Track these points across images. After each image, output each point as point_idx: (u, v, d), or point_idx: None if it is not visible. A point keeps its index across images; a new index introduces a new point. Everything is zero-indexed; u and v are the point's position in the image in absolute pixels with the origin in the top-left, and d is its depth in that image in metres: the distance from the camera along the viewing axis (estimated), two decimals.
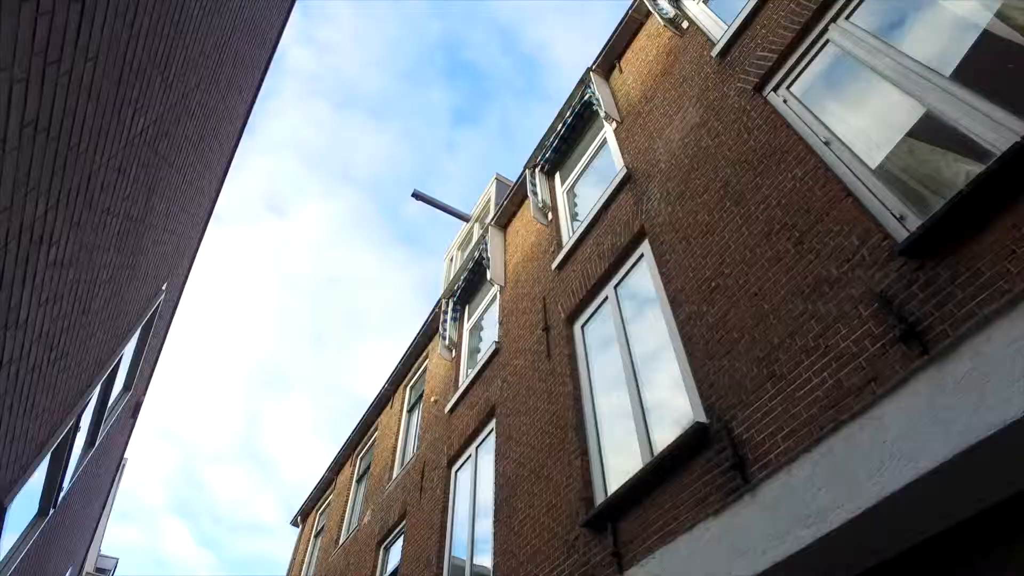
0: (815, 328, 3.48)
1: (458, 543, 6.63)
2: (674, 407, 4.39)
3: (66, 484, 5.54)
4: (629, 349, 5.15)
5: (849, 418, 3.00)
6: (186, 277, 8.16)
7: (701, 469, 3.74)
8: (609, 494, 4.42)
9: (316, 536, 13.76)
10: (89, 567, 16.45)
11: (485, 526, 6.11)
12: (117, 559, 18.48)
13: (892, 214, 3.40)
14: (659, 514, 3.88)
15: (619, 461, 4.67)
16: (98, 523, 11.21)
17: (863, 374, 3.10)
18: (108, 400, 6.10)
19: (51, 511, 5.55)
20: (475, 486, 6.81)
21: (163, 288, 6.19)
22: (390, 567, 8.43)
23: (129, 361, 6.28)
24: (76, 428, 4.89)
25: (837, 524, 2.85)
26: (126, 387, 6.91)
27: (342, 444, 13.38)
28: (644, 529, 3.94)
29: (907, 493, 2.67)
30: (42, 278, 2.61)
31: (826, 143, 4.03)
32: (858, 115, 4.07)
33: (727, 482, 3.53)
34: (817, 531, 2.91)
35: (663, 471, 3.97)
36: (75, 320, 3.56)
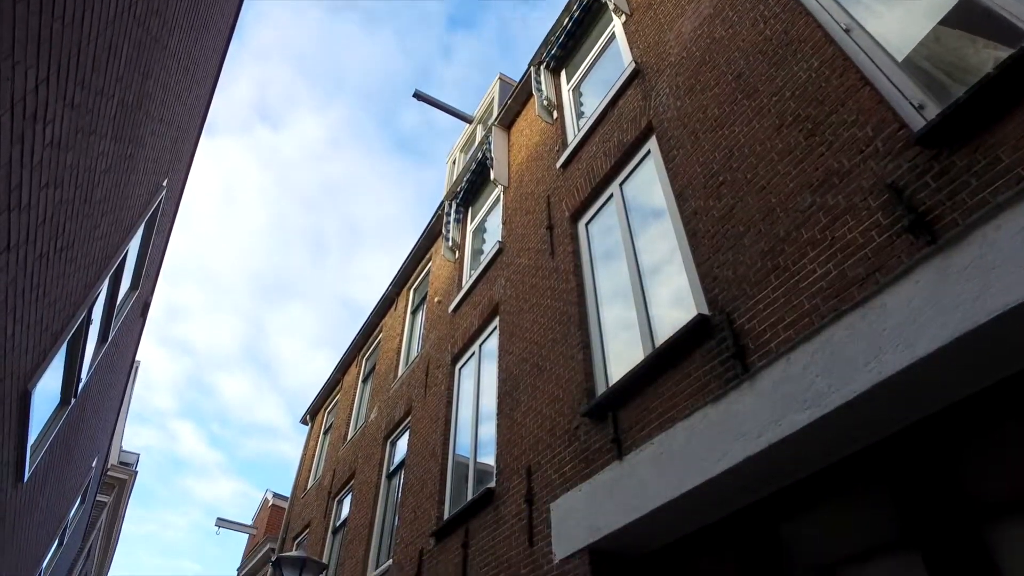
0: (822, 220, 3.46)
1: (461, 445, 6.89)
2: (677, 301, 4.44)
3: (84, 376, 5.71)
4: (633, 246, 5.16)
5: (850, 308, 3.03)
6: (186, 175, 8.06)
7: (702, 359, 3.83)
8: (610, 385, 4.55)
9: (325, 433, 14.33)
10: (113, 459, 17.29)
11: (488, 421, 6.34)
12: (138, 454, 19.30)
13: (911, 103, 3.30)
14: (659, 403, 4.01)
15: (621, 354, 4.78)
16: (117, 418, 11.66)
17: (868, 264, 3.11)
18: (117, 297, 6.18)
19: (72, 401, 5.75)
20: (478, 381, 7.01)
21: (163, 184, 6.12)
22: (397, 459, 8.83)
23: (135, 258, 6.31)
24: (88, 321, 4.97)
25: (832, 407, 2.94)
26: (133, 285, 6.99)
27: (347, 346, 13.69)
28: (643, 417, 4.08)
29: (902, 377, 2.74)
30: (40, 158, 2.57)
31: (846, 30, 3.85)
32: (886, 2, 3.87)
33: (726, 371, 3.62)
34: (812, 414, 3.01)
35: (664, 362, 4.06)
36: (78, 209, 3.54)
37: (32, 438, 4.99)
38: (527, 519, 4.81)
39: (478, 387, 6.97)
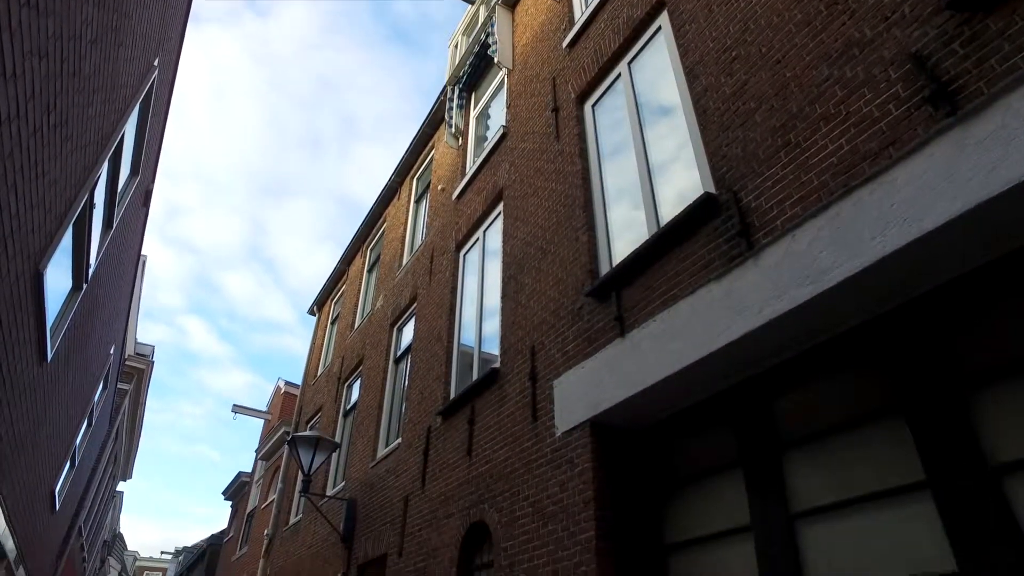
0: (838, 94, 3.33)
1: (466, 335, 7.03)
2: (683, 180, 4.38)
3: (92, 261, 5.76)
4: (640, 126, 5.02)
5: (860, 183, 2.99)
6: (177, 58, 7.75)
7: (706, 237, 3.82)
8: (614, 265, 4.58)
9: (333, 323, 14.65)
10: (130, 350, 17.84)
11: (493, 307, 6.44)
12: (153, 346, 19.82)
13: None
14: (662, 281, 4.05)
15: (625, 234, 4.77)
16: (129, 309, 11.90)
17: (882, 138, 3.02)
18: (118, 182, 6.12)
19: (84, 287, 5.84)
20: (483, 267, 7.06)
21: (155, 64, 5.90)
22: (403, 344, 9.07)
23: (132, 143, 6.20)
24: (91, 205, 4.96)
25: (834, 282, 2.96)
26: (133, 171, 6.90)
27: (351, 238, 13.70)
28: (647, 295, 4.14)
29: (907, 252, 2.74)
30: (19, 21, 2.45)
31: None
32: None
33: (731, 249, 3.62)
34: (814, 289, 3.03)
35: (668, 241, 4.06)
36: (67, 84, 3.43)
37: (50, 320, 5.12)
38: (531, 396, 5.00)
39: (482, 273, 7.03)
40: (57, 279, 5.06)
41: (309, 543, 10.28)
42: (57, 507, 10.06)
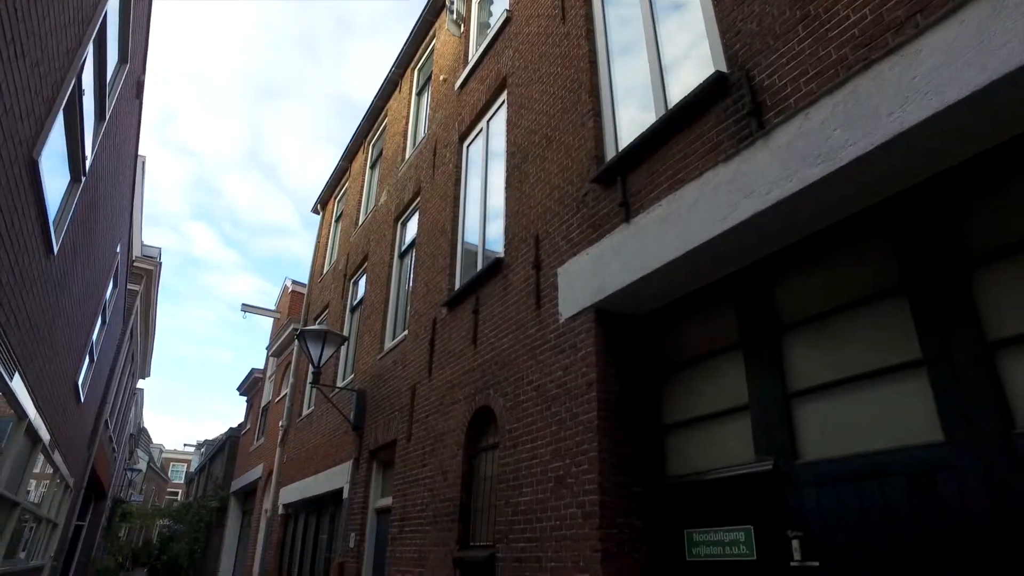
0: None
1: (470, 230, 6.97)
2: (694, 60, 4.18)
3: (88, 153, 5.66)
4: (651, 4, 4.73)
5: (882, 55, 2.83)
6: None
7: (716, 119, 3.69)
8: (620, 150, 4.47)
9: (337, 221, 14.60)
10: (136, 252, 17.94)
11: (497, 198, 6.36)
12: (159, 248, 19.87)
13: None
14: (668, 165, 3.95)
15: (632, 119, 4.62)
16: (131, 210, 11.83)
17: (909, 6, 2.84)
18: (106, 70, 5.91)
19: (83, 179, 5.77)
20: (486, 157, 6.92)
21: None
22: (408, 239, 9.06)
23: (117, 26, 5.92)
24: (80, 91, 4.80)
25: (846, 161, 2.88)
26: (121, 58, 6.64)
27: (353, 134, 13.38)
28: (652, 180, 4.06)
29: (924, 127, 2.64)
30: None
31: None
32: None
33: (741, 130, 3.51)
34: (825, 169, 2.96)
35: (676, 123, 3.94)
36: None
37: (52, 213, 5.10)
38: (535, 284, 5.03)
39: (486, 163, 6.90)
40: (54, 170, 4.99)
41: (322, 432, 10.75)
42: (82, 399, 10.48)
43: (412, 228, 8.98)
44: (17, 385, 5.52)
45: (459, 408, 5.87)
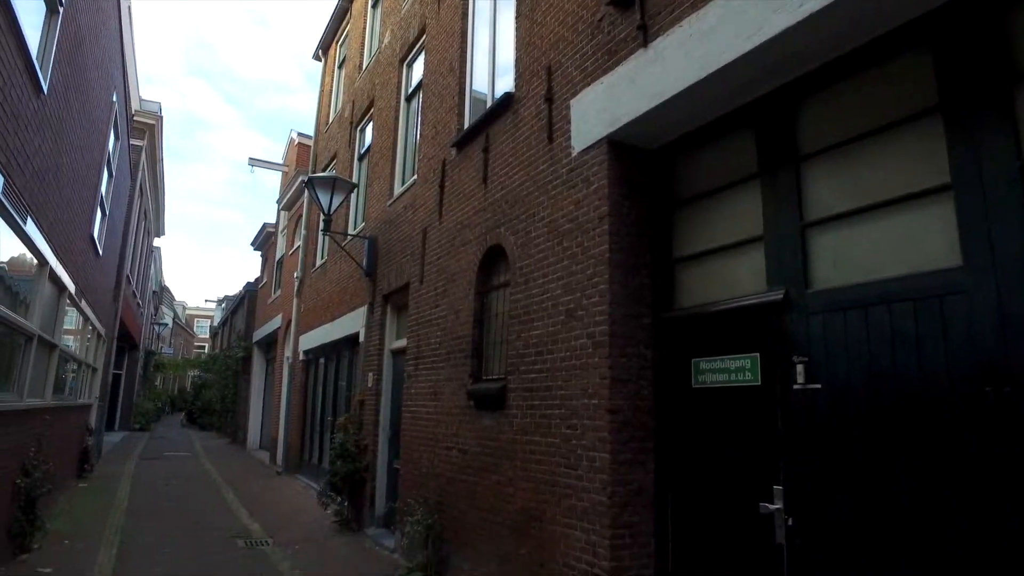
0: None
1: (479, 67, 6.56)
2: None
3: None
4: None
5: None
6: None
7: None
8: None
9: (340, 67, 13.93)
10: (135, 106, 17.41)
11: (506, 33, 5.93)
12: (159, 103, 19.21)
13: None
14: None
15: None
16: (123, 56, 11.27)
17: None
18: None
19: (60, 9, 5.43)
20: None
21: None
22: (414, 81, 8.65)
23: None
24: None
25: None
26: None
27: None
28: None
29: None
30: None
31: None
32: None
33: None
34: None
35: None
36: None
37: (33, 48, 4.84)
38: (546, 118, 4.82)
39: None
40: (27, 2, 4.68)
41: (336, 280, 10.97)
42: (100, 252, 10.65)
43: (418, 69, 8.53)
44: (32, 230, 5.56)
45: (470, 248, 5.88)
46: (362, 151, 10.93)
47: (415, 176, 7.76)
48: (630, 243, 4.12)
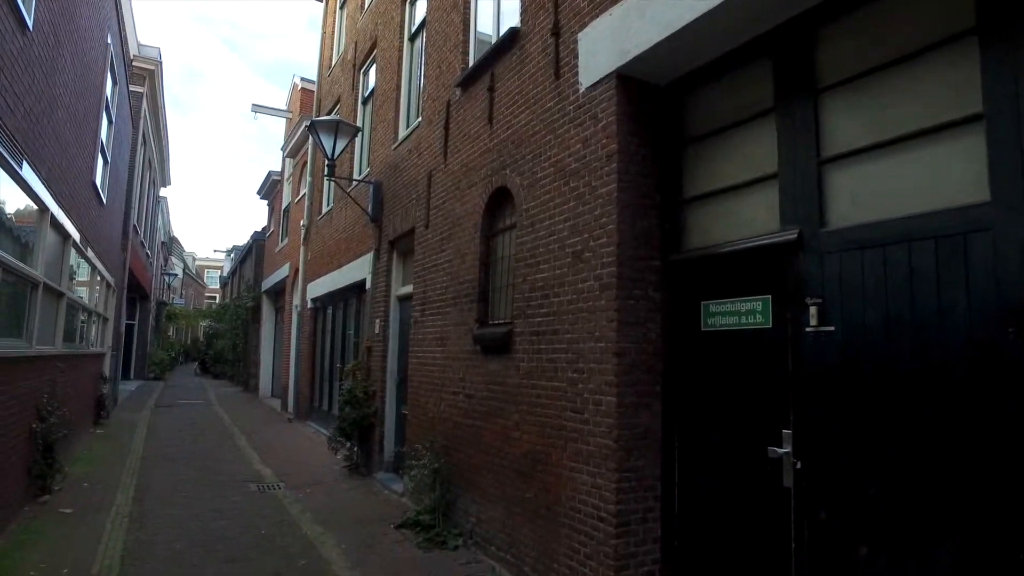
0: None
1: (483, 5, 6.26)
2: None
3: None
4: None
5: None
6: None
7: None
8: None
9: (341, 7, 13.51)
10: (133, 51, 17.01)
11: None
12: (159, 48, 18.74)
13: None
14: None
15: None
16: None
17: None
18: None
19: None
20: None
21: None
22: (418, 18, 8.33)
23: None
24: None
25: None
26: None
27: None
28: None
29: None
30: None
31: None
32: None
33: None
34: None
35: None
36: None
37: None
38: (553, 53, 4.60)
39: None
40: None
41: (342, 227, 10.86)
42: (104, 200, 10.55)
43: (421, 6, 8.20)
44: (29, 175, 5.45)
45: (476, 191, 5.74)
46: (366, 94, 10.66)
47: (420, 119, 7.55)
48: (639, 182, 3.97)
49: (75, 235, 7.82)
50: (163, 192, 29.57)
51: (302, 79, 17.38)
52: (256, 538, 5.48)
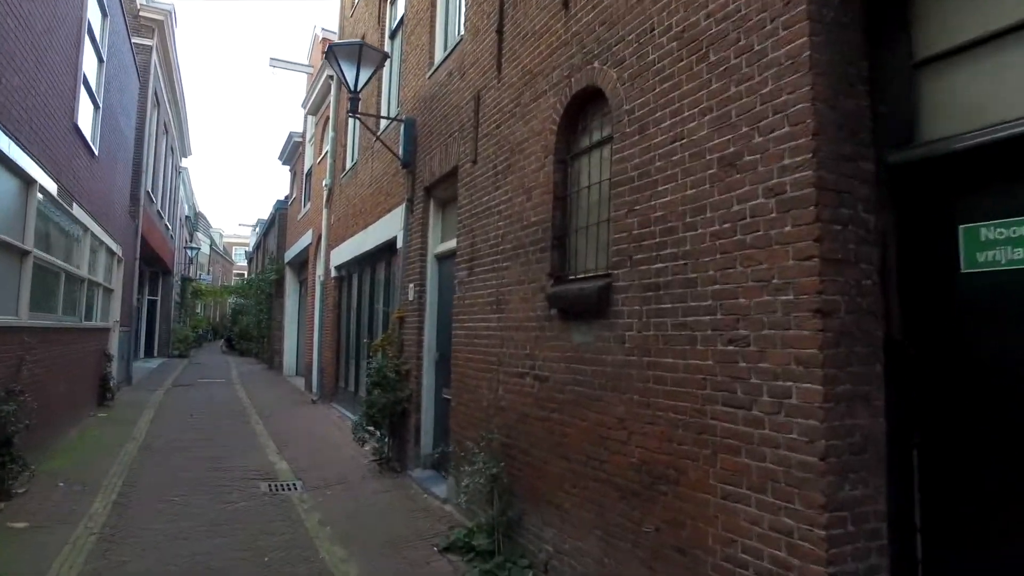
0: None
1: None
2: None
3: None
4: None
5: None
6: None
7: None
8: None
9: None
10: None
11: None
12: (172, 3, 17.39)
13: None
14: None
15: None
16: None
17: None
18: None
19: None
20: None
21: None
22: None
23: None
24: None
25: None
26: None
27: None
28: None
29: None
30: None
31: None
32: None
33: None
34: None
35: None
36: None
37: None
38: None
39: None
40: None
41: (368, 181, 9.44)
42: (96, 152, 9.26)
43: None
44: None
45: (545, 102, 4.23)
46: (393, 26, 9.16)
47: (461, 34, 6.04)
48: (838, 37, 2.44)
49: (45, 182, 6.48)
50: (185, 163, 28.53)
51: (323, 30, 15.93)
52: (257, 570, 4.13)
